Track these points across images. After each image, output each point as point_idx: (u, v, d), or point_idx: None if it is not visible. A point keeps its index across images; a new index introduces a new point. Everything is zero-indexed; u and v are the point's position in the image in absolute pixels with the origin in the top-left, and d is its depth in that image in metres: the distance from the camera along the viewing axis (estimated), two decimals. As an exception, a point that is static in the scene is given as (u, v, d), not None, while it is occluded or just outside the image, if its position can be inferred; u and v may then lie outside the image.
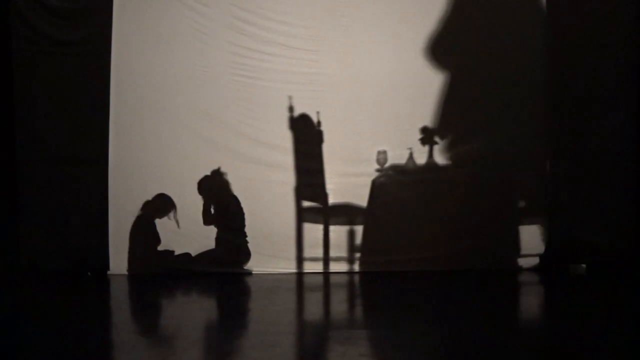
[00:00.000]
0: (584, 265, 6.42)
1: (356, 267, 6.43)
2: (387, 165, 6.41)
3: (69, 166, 6.29)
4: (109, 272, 6.35)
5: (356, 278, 6.33)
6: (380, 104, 6.37)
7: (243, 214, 6.43)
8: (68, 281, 6.18)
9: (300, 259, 6.43)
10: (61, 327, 4.86)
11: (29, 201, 6.30)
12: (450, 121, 6.35)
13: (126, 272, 6.38)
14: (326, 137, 6.41)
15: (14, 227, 6.31)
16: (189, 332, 4.80)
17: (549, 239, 6.36)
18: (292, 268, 6.42)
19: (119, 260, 6.35)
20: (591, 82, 6.30)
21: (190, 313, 5.34)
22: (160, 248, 6.41)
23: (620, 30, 6.29)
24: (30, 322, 5.05)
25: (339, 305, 5.65)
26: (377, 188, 6.40)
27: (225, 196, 6.42)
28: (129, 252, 6.38)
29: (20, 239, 6.30)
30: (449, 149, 6.38)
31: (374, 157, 6.40)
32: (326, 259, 6.42)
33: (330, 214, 6.42)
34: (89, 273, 6.36)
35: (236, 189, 6.43)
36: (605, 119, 6.34)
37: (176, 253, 6.40)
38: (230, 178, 6.42)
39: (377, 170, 6.42)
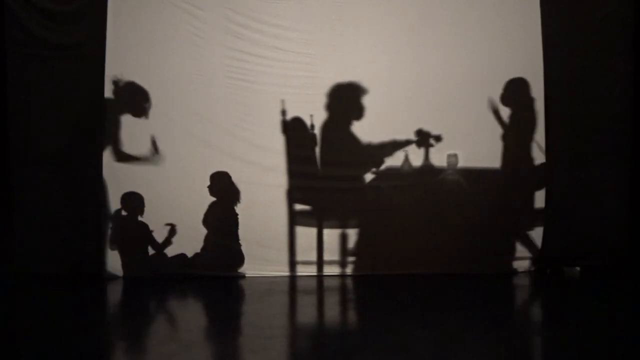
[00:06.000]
0: (578, 268, 6.44)
1: (350, 271, 6.43)
2: (382, 168, 6.41)
3: (63, 169, 6.27)
4: (104, 275, 6.33)
5: (351, 281, 6.33)
6: (375, 106, 6.37)
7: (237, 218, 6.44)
8: (63, 284, 6.16)
9: (292, 263, 6.42)
10: (55, 331, 4.84)
11: (24, 204, 6.28)
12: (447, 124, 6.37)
13: (121, 275, 6.36)
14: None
15: (9, 230, 6.29)
16: (183, 335, 4.79)
17: (544, 242, 6.38)
18: (285, 271, 6.41)
19: (114, 264, 6.34)
20: (587, 86, 6.35)
21: (184, 316, 5.34)
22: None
23: (618, 33, 6.32)
24: (24, 326, 5.04)
25: (334, 308, 5.65)
26: (372, 191, 6.40)
27: (234, 200, 6.41)
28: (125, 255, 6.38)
29: (15, 242, 6.28)
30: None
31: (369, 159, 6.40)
32: (320, 263, 6.42)
33: (323, 218, 6.42)
34: (84, 276, 6.33)
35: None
36: (601, 123, 6.37)
37: (170, 256, 6.38)
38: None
39: (373, 173, 6.42)
